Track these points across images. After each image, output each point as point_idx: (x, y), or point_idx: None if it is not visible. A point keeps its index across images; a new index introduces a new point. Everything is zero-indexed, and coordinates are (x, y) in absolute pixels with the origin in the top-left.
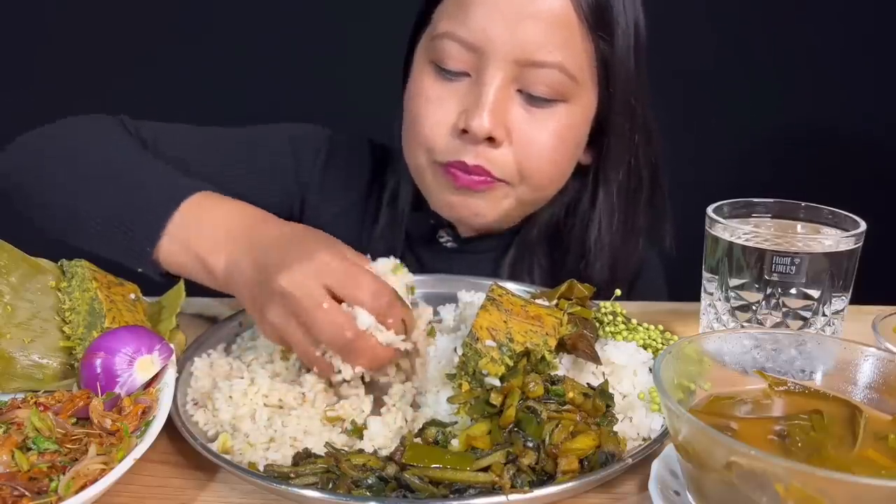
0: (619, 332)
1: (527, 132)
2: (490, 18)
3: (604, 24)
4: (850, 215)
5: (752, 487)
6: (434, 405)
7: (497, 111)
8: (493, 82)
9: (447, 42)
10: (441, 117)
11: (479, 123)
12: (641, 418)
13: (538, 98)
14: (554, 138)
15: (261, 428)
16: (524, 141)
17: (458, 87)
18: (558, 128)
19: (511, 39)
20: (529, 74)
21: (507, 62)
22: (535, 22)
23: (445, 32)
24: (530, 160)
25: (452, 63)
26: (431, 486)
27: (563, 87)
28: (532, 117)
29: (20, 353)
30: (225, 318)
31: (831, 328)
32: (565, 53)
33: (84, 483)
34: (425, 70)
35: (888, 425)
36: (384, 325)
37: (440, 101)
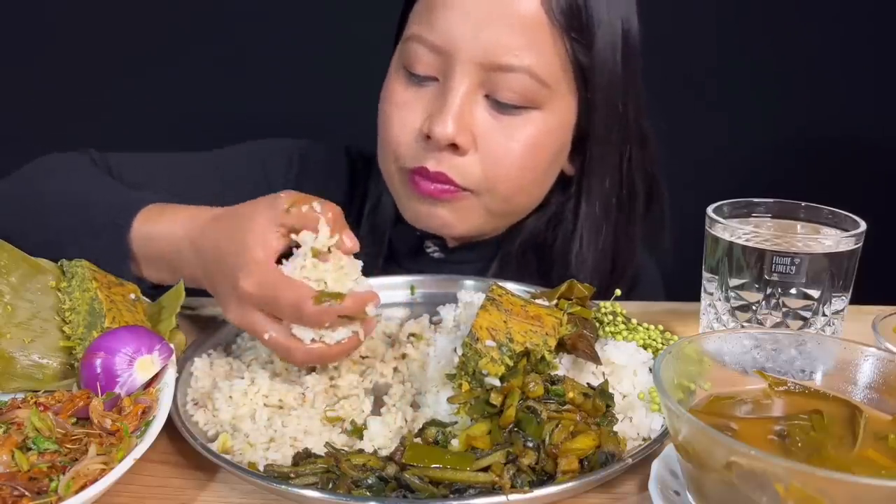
0: (619, 332)
1: (494, 140)
2: (455, 20)
3: (579, 25)
4: (850, 215)
5: (752, 487)
6: (434, 405)
7: (462, 117)
8: (459, 87)
9: (415, 45)
10: (407, 122)
11: (441, 129)
12: (641, 418)
13: (506, 105)
14: (523, 147)
15: (261, 428)
16: (491, 149)
17: (426, 92)
18: (529, 136)
19: (476, 42)
20: (496, 79)
21: (473, 66)
22: (501, 24)
23: (413, 35)
24: (497, 169)
25: (420, 67)
26: (431, 486)
27: (533, 94)
28: (500, 124)
29: (20, 353)
30: (225, 318)
31: (831, 328)
32: (535, 57)
33: (84, 483)
34: (397, 75)
35: (888, 425)
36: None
37: (407, 105)
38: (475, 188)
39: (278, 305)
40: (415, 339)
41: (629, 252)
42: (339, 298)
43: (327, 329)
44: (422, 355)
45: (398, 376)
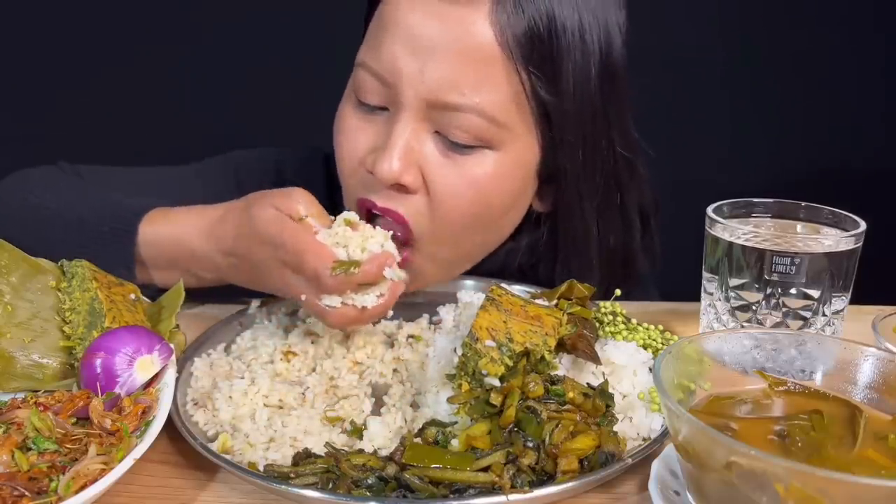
0: (619, 332)
1: (444, 179)
2: (400, 51)
3: (540, 58)
4: (850, 215)
5: (752, 487)
6: (434, 405)
7: (408, 155)
8: (406, 123)
9: (362, 73)
10: (355, 150)
11: (385, 167)
12: (641, 418)
13: (457, 144)
14: (475, 188)
15: (261, 428)
16: (440, 189)
17: (376, 122)
18: (482, 177)
19: (421, 77)
20: (443, 118)
21: (418, 101)
22: (448, 57)
23: (361, 62)
24: (446, 211)
25: (369, 96)
26: (431, 486)
27: (483, 133)
28: (452, 163)
29: (20, 353)
30: (225, 318)
31: (831, 328)
32: (485, 95)
33: (84, 483)
34: (349, 98)
35: (888, 425)
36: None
37: (356, 132)
38: (424, 234)
39: (304, 272)
40: (414, 340)
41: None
42: (356, 266)
43: (354, 294)
44: (421, 356)
45: (398, 376)
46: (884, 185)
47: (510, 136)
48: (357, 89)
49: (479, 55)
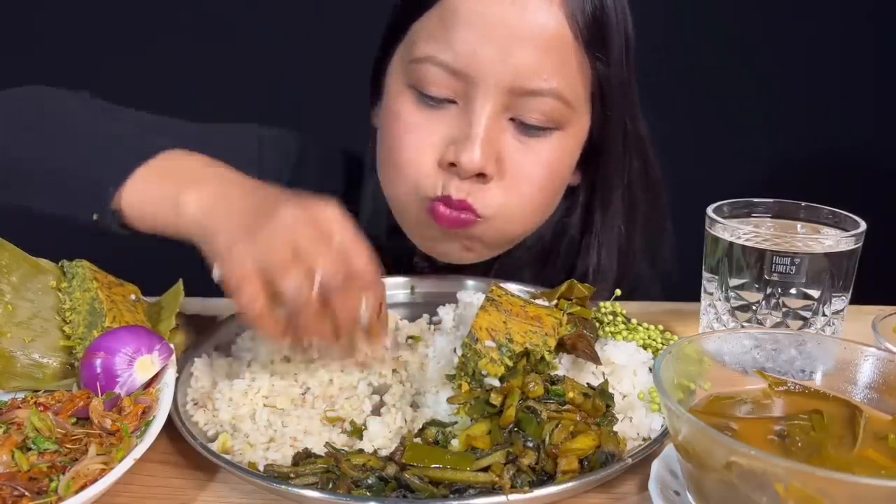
0: (619, 332)
1: (519, 164)
2: (479, 42)
3: (600, 41)
4: (850, 215)
5: (752, 487)
6: (434, 405)
7: (489, 144)
8: (484, 112)
9: (429, 66)
10: (425, 147)
11: (469, 158)
12: (641, 418)
13: (532, 127)
14: (546, 170)
15: (261, 428)
16: (515, 174)
17: (444, 115)
18: (551, 157)
19: (503, 66)
20: (523, 103)
21: (498, 90)
22: (529, 46)
23: (427, 56)
24: (519, 194)
25: (436, 89)
26: (431, 486)
27: (558, 115)
28: (525, 148)
29: (20, 352)
30: (225, 318)
31: (831, 328)
32: (561, 78)
33: (84, 483)
34: (404, 94)
35: (888, 425)
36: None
37: (423, 128)
38: (492, 215)
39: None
40: (413, 341)
41: (633, 261)
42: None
43: None
44: (421, 356)
45: (398, 376)
46: (884, 185)
47: (575, 117)
48: (421, 83)
49: (555, 41)
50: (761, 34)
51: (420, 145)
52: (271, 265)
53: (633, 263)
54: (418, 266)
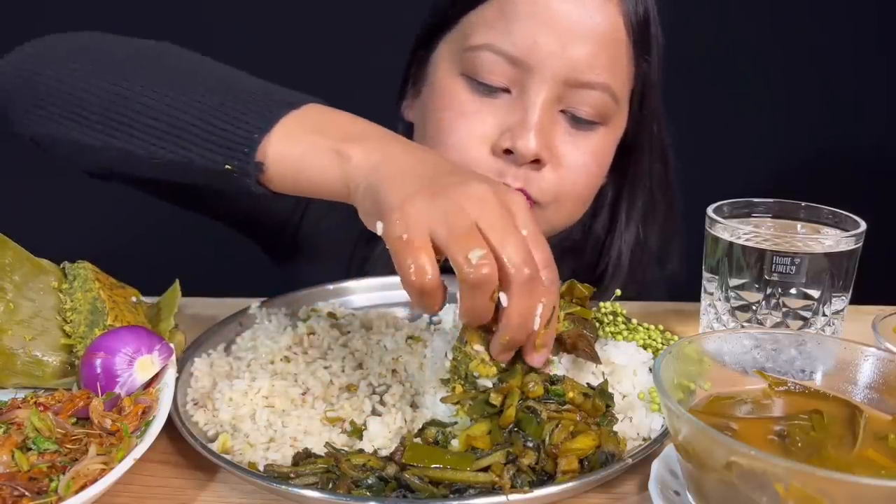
0: (619, 332)
1: (569, 155)
2: (540, 33)
3: (646, 43)
4: (850, 215)
5: (752, 487)
6: (433, 406)
7: (543, 131)
8: (539, 100)
9: (487, 54)
10: (480, 134)
11: (525, 144)
12: (641, 418)
13: (581, 120)
14: (592, 162)
15: (261, 428)
16: (566, 164)
17: (497, 103)
18: (597, 151)
19: (561, 57)
20: (575, 95)
21: (554, 80)
22: (586, 40)
23: (486, 44)
24: (569, 184)
25: (493, 77)
26: (431, 486)
27: (606, 110)
28: (573, 140)
29: (21, 350)
30: (225, 318)
31: (831, 328)
32: (612, 74)
33: (84, 483)
34: (456, 82)
35: (888, 425)
36: None
37: (477, 116)
38: (546, 202)
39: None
40: (413, 341)
41: (647, 262)
42: None
43: None
44: (420, 356)
45: (397, 377)
46: (884, 185)
47: (619, 113)
48: (476, 71)
49: (611, 38)
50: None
51: (474, 132)
52: (453, 234)
53: (647, 264)
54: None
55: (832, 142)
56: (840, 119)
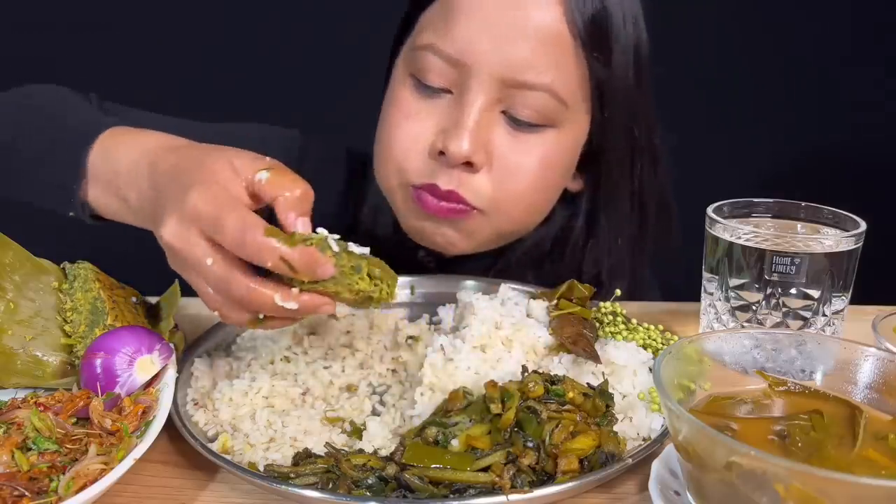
0: (619, 332)
1: (510, 158)
2: (477, 32)
3: (600, 43)
4: (850, 215)
5: (752, 487)
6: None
7: (478, 134)
8: (476, 102)
9: (429, 55)
10: (417, 135)
11: (457, 146)
12: (641, 418)
13: (523, 122)
14: (537, 166)
15: (261, 428)
16: (505, 167)
17: (438, 104)
18: (543, 155)
19: (498, 57)
20: (516, 96)
21: (492, 81)
22: (525, 39)
23: (428, 45)
24: (510, 188)
25: (433, 78)
26: (431, 486)
27: (551, 112)
28: (517, 142)
29: (21, 349)
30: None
31: (831, 328)
32: (556, 75)
33: (84, 483)
34: (404, 82)
35: (888, 425)
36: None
37: (417, 117)
38: (485, 207)
39: (222, 226)
40: (413, 341)
41: (641, 265)
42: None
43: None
44: (420, 356)
45: (397, 376)
46: (884, 185)
47: (570, 116)
48: (419, 71)
49: (552, 38)
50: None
51: (413, 132)
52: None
53: (636, 272)
54: (424, 260)
55: (832, 141)
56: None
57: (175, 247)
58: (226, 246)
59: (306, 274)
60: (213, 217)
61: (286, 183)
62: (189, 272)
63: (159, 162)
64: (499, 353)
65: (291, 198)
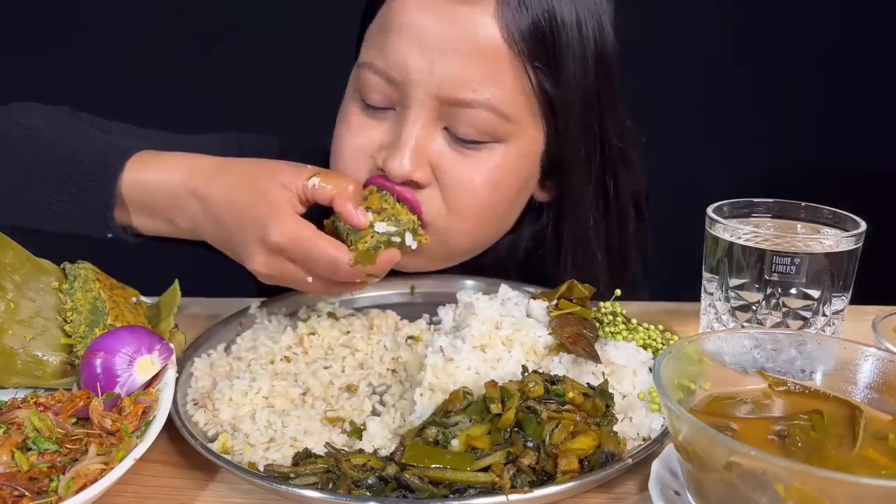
0: (619, 332)
1: (455, 173)
2: (408, 50)
3: (544, 52)
4: (850, 215)
5: (752, 487)
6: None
7: (419, 153)
8: (416, 120)
9: (368, 73)
10: (362, 151)
11: (397, 164)
12: (641, 418)
13: (467, 139)
14: (485, 181)
15: (261, 428)
16: (454, 184)
17: (383, 121)
18: (491, 170)
19: (431, 75)
20: (454, 113)
21: (429, 99)
22: (458, 54)
23: (367, 62)
24: (459, 203)
25: (374, 96)
26: (431, 486)
27: (493, 128)
28: (463, 157)
29: (21, 349)
30: (225, 318)
31: (831, 328)
32: (494, 90)
33: (84, 483)
34: (353, 98)
35: (888, 425)
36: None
37: (363, 132)
38: (435, 222)
39: (313, 260)
40: (413, 341)
41: (624, 265)
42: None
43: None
44: (420, 356)
45: (397, 376)
46: (884, 185)
47: (517, 129)
48: (361, 89)
49: (487, 52)
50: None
51: (357, 148)
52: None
53: (627, 263)
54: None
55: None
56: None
57: (273, 276)
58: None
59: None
60: (301, 253)
61: (337, 182)
62: (287, 284)
63: (207, 191)
64: (499, 353)
65: (346, 193)
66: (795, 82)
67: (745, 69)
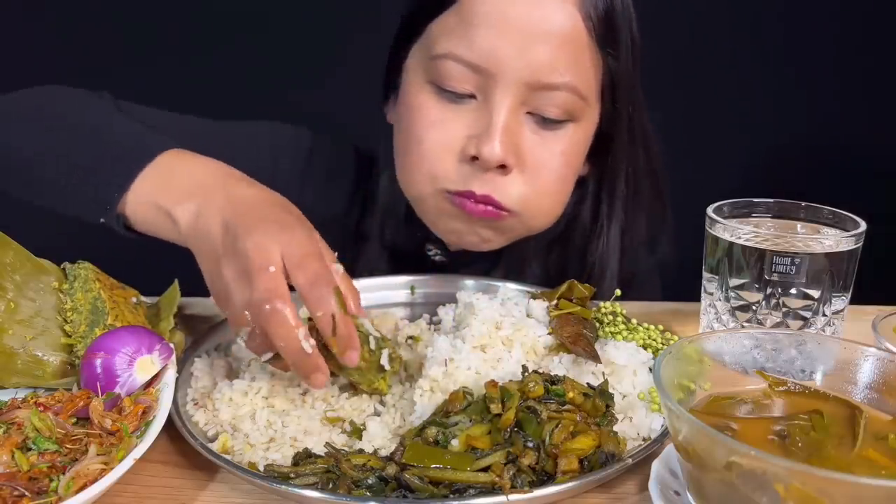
0: (619, 332)
1: (537, 156)
2: (498, 39)
3: (611, 38)
4: (850, 215)
5: (752, 487)
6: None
7: (508, 137)
8: (503, 106)
9: (450, 63)
10: (447, 142)
11: (490, 150)
12: (641, 418)
13: (549, 120)
14: (563, 160)
15: (261, 428)
16: (534, 166)
17: (464, 110)
18: (566, 149)
19: (520, 62)
20: (540, 97)
21: (517, 85)
22: (545, 42)
23: (448, 53)
24: (539, 185)
25: (456, 84)
26: (431, 486)
27: (573, 108)
28: (542, 140)
29: (21, 349)
30: (225, 318)
31: (831, 328)
32: (576, 73)
33: (84, 483)
34: (424, 90)
35: (888, 425)
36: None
37: (444, 124)
38: (518, 208)
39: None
40: (413, 341)
41: (636, 246)
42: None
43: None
44: (420, 356)
45: (397, 376)
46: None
47: (587, 109)
48: (441, 79)
49: (571, 38)
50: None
51: (441, 140)
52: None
53: (635, 248)
54: (431, 252)
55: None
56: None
57: (250, 255)
58: (298, 278)
59: (340, 345)
60: (304, 253)
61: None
62: (240, 280)
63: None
64: (499, 353)
65: (353, 290)
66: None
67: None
